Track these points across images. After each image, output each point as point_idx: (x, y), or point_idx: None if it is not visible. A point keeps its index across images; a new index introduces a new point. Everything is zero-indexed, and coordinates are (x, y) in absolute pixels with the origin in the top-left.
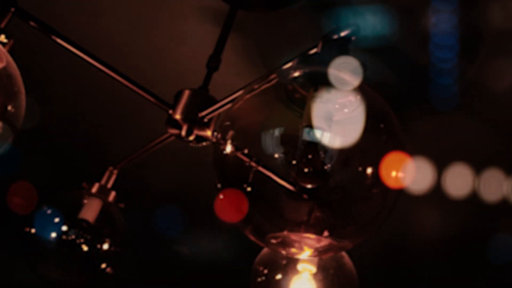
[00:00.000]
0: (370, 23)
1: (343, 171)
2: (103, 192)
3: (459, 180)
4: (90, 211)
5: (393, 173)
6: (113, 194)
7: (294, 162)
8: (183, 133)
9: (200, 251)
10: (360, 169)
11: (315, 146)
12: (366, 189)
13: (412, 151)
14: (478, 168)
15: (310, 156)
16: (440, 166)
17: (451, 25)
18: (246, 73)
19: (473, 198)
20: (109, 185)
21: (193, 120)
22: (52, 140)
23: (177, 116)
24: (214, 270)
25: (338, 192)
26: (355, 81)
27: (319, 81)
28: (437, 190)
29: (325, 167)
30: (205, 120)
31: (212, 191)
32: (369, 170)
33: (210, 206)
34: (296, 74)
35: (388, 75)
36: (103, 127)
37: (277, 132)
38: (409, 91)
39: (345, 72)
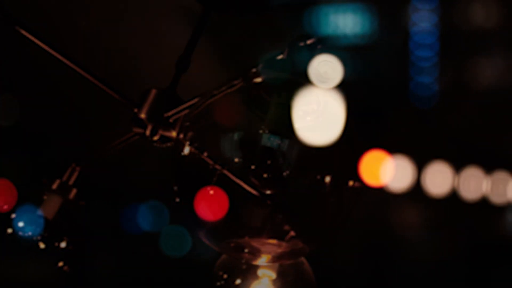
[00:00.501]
0: (350, 22)
1: (301, 177)
2: (63, 189)
3: (439, 178)
4: (48, 208)
5: (365, 174)
6: (74, 191)
7: (253, 167)
8: (148, 132)
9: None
10: (318, 175)
11: (274, 152)
12: (324, 195)
13: (393, 149)
14: (457, 166)
15: (268, 162)
16: (420, 164)
17: (431, 24)
18: (218, 75)
19: (453, 195)
20: (71, 182)
21: (158, 120)
22: (29, 138)
23: (142, 115)
24: (195, 267)
25: (297, 197)
26: (319, 88)
27: (283, 87)
28: (417, 187)
29: (283, 173)
30: (171, 120)
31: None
32: (326, 177)
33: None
34: (260, 79)
35: (369, 74)
36: (81, 123)
37: (237, 136)
38: (390, 90)
39: (310, 78)
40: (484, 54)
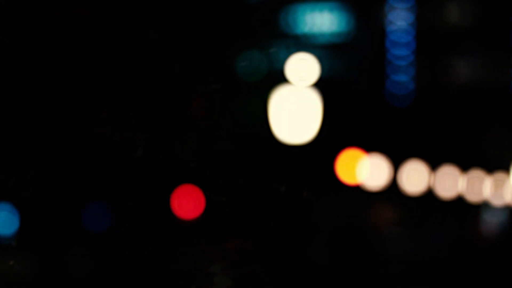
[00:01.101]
0: (327, 21)
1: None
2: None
3: (415, 176)
4: None
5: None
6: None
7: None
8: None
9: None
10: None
11: (218, 160)
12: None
13: (369, 148)
14: (433, 164)
15: (213, 169)
16: (396, 162)
17: (408, 23)
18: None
19: (429, 193)
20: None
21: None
22: None
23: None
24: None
25: (251, 203)
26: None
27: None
28: (393, 186)
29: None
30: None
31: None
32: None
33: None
34: (215, 84)
35: (345, 72)
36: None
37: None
38: (366, 88)
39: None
40: (460, 52)
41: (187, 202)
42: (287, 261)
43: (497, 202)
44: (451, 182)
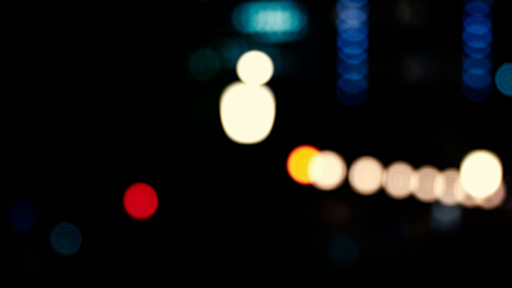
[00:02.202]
0: (279, 20)
1: None
2: None
3: (367, 175)
4: None
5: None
6: None
7: None
8: None
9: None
10: None
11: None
12: None
13: (323, 147)
14: (386, 162)
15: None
16: (349, 160)
17: (360, 22)
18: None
19: (381, 191)
20: None
21: None
22: None
23: None
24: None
25: None
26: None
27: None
28: (346, 184)
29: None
30: None
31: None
32: None
33: None
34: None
35: (297, 71)
36: None
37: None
38: (319, 87)
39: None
40: (411, 51)
41: (140, 201)
42: (232, 258)
43: (448, 200)
44: (403, 180)
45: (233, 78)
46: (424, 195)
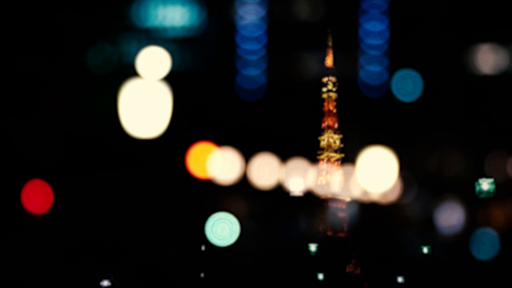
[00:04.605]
0: (178, 14)
1: None
2: None
3: (265, 170)
4: None
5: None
6: None
7: None
8: None
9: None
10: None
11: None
12: None
13: (221, 142)
14: (284, 158)
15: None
16: (247, 156)
17: (258, 17)
18: None
19: (279, 188)
20: None
21: None
22: None
23: None
24: None
25: None
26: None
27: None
28: (244, 179)
29: None
30: None
31: None
32: None
33: None
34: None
35: (196, 66)
36: None
37: None
38: (217, 82)
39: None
40: (312, 48)
41: (37, 197)
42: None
43: (344, 195)
44: (302, 176)
45: (132, 73)
46: (321, 191)
